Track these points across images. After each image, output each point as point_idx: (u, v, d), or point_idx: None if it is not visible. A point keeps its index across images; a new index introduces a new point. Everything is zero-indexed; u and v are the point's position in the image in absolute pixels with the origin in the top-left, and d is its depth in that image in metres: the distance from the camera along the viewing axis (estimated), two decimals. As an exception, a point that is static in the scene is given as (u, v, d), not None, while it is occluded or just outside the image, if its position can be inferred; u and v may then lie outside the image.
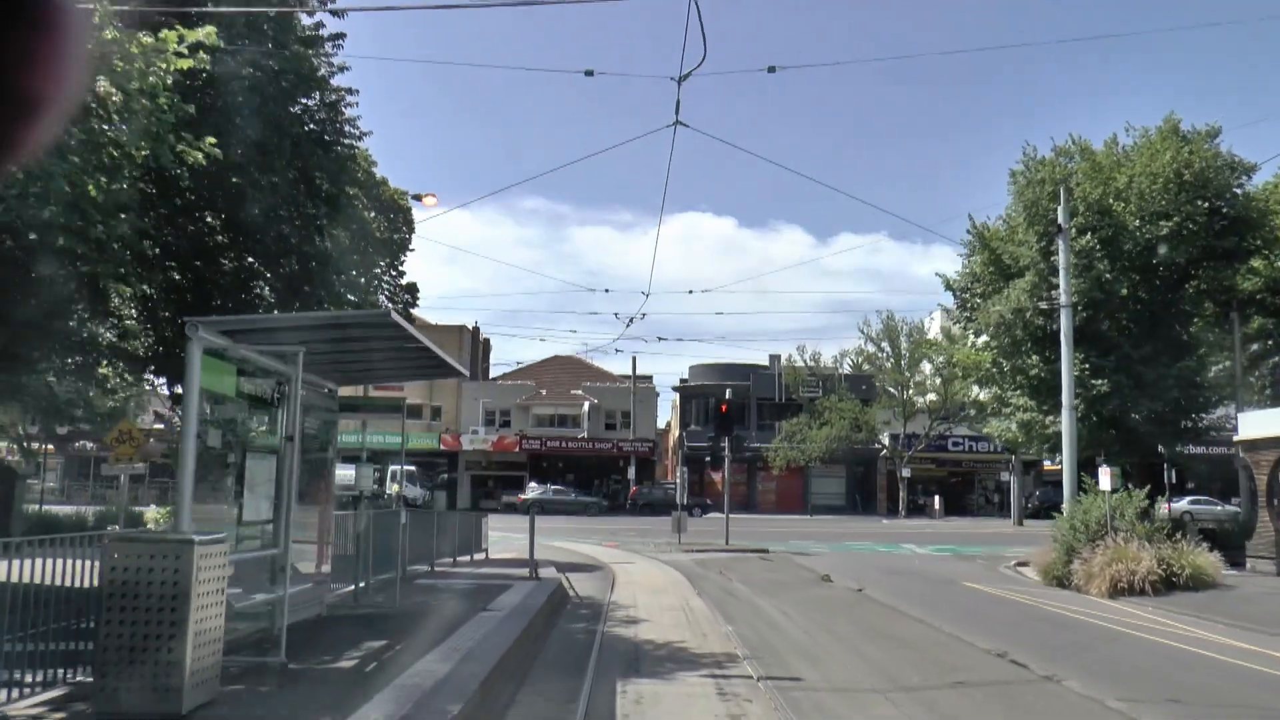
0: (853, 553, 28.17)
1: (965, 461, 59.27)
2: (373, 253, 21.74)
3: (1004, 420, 30.32)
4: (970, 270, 29.70)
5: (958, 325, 30.28)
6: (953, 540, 34.73)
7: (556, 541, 29.48)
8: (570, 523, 42.27)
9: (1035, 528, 44.65)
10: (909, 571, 22.17)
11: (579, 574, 19.06)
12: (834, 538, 34.58)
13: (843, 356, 57.24)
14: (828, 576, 18.18)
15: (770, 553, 26.16)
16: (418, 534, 16.71)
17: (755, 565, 21.78)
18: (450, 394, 60.80)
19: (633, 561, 22.64)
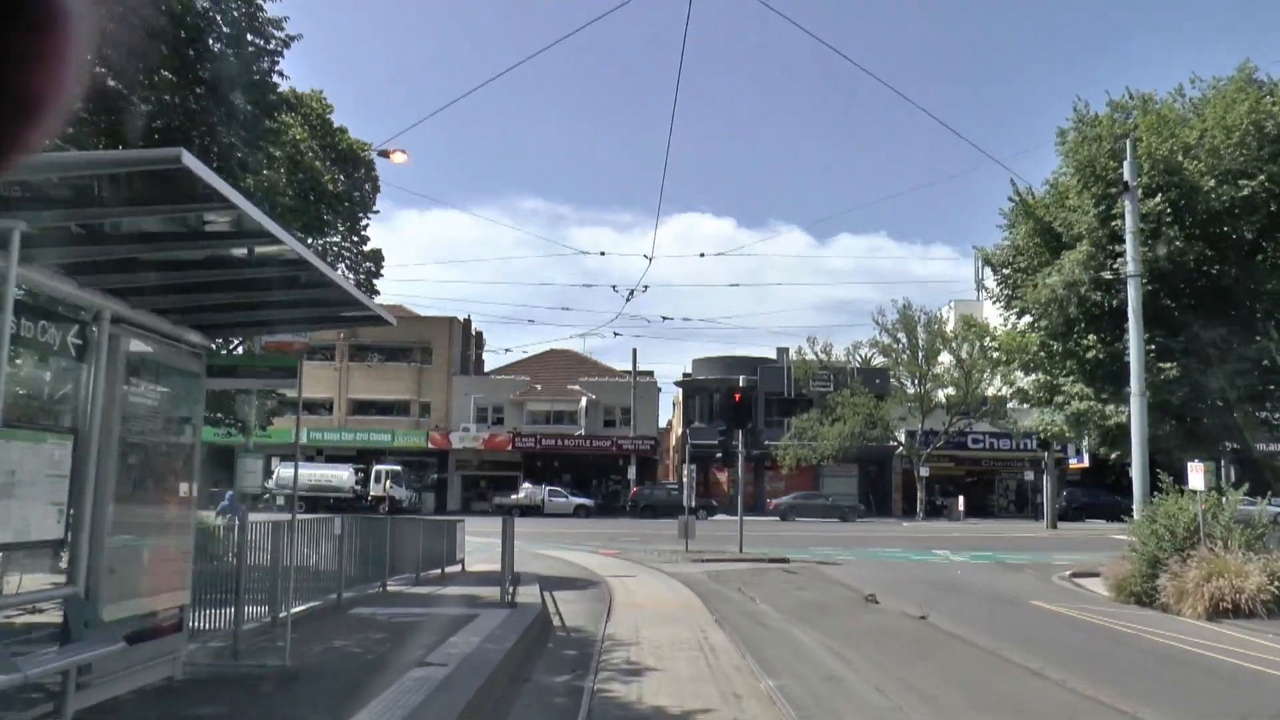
0: (883, 562, 24.87)
1: (985, 460, 55.96)
2: (325, 210, 18.43)
3: (1052, 411, 26.99)
4: (1012, 243, 26.39)
5: (997, 304, 26.94)
6: (986, 545, 31.44)
7: (547, 549, 26.18)
8: (565, 526, 38.94)
9: (1069, 531, 41.39)
10: (959, 586, 18.87)
11: (569, 593, 15.76)
12: (856, 543, 31.27)
13: (855, 349, 53.96)
14: (873, 597, 14.86)
15: (791, 562, 22.85)
16: (369, 545, 13.41)
17: (779, 579, 18.47)
18: (439, 389, 57.53)
19: (634, 574, 19.34)
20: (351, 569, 12.46)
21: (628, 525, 40.85)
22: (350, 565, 12.48)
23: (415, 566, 15.65)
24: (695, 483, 53.96)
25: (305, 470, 50.60)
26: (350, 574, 12.31)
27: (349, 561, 12.57)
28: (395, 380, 57.58)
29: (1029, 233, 25.77)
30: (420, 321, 59.22)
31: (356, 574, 12.73)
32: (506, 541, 11.96)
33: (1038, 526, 44.06)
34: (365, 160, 19.76)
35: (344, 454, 54.21)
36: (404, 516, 35.24)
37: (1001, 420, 50.77)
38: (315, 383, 57.61)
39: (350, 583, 12.26)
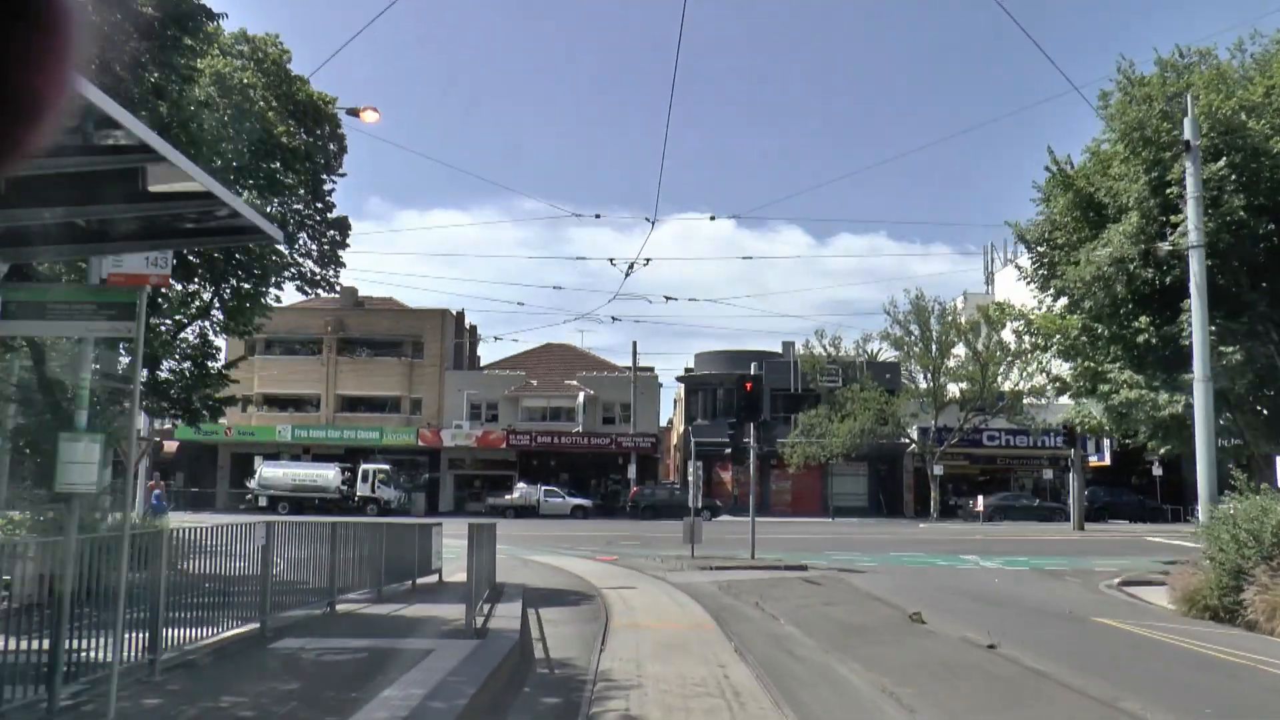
0: (911, 569, 22.53)
1: (1001, 457, 53.57)
2: (282, 169, 16.08)
3: (1095, 401, 24.64)
4: (1048, 217, 24.06)
5: (1031, 285, 24.61)
6: (1015, 550, 29.07)
7: (539, 555, 23.84)
8: (561, 529, 36.60)
9: (1097, 533, 38.94)
10: (1005, 599, 16.51)
11: (558, 611, 13.43)
12: (876, 547, 28.90)
13: (865, 341, 51.55)
14: (919, 616, 12.48)
15: (810, 570, 20.50)
16: (313, 556, 11.05)
17: (801, 591, 16.11)
18: (431, 384, 55.17)
19: (635, 585, 16.98)
20: (288, 586, 10.10)
21: (627, 527, 38.51)
22: (288, 581, 10.13)
23: (377, 579, 13.28)
24: (693, 485, 51.71)
25: (289, 470, 48.26)
26: (286, 592, 9.96)
27: (291, 575, 10.23)
28: (385, 375, 55.21)
29: (1068, 206, 23.45)
30: (411, 314, 56.88)
31: (295, 592, 10.37)
32: (475, 555, 9.57)
33: (1063, 528, 41.68)
34: (329, 116, 17.42)
35: (332, 452, 51.86)
36: (366, 519, 32.39)
37: (1018, 416, 48.43)
38: (301, 378, 55.35)
39: (285, 603, 9.89)
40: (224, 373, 17.98)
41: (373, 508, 46.43)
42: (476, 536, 9.88)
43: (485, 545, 12.44)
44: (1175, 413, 20.42)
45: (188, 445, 53.98)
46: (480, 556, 10.96)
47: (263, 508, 47.29)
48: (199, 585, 8.49)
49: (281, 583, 9.94)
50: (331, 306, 57.63)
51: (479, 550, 10.42)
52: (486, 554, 13.04)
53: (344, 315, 56.54)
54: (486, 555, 13.02)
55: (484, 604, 11.95)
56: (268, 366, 55.39)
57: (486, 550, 13.15)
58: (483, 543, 11.14)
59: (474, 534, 9.47)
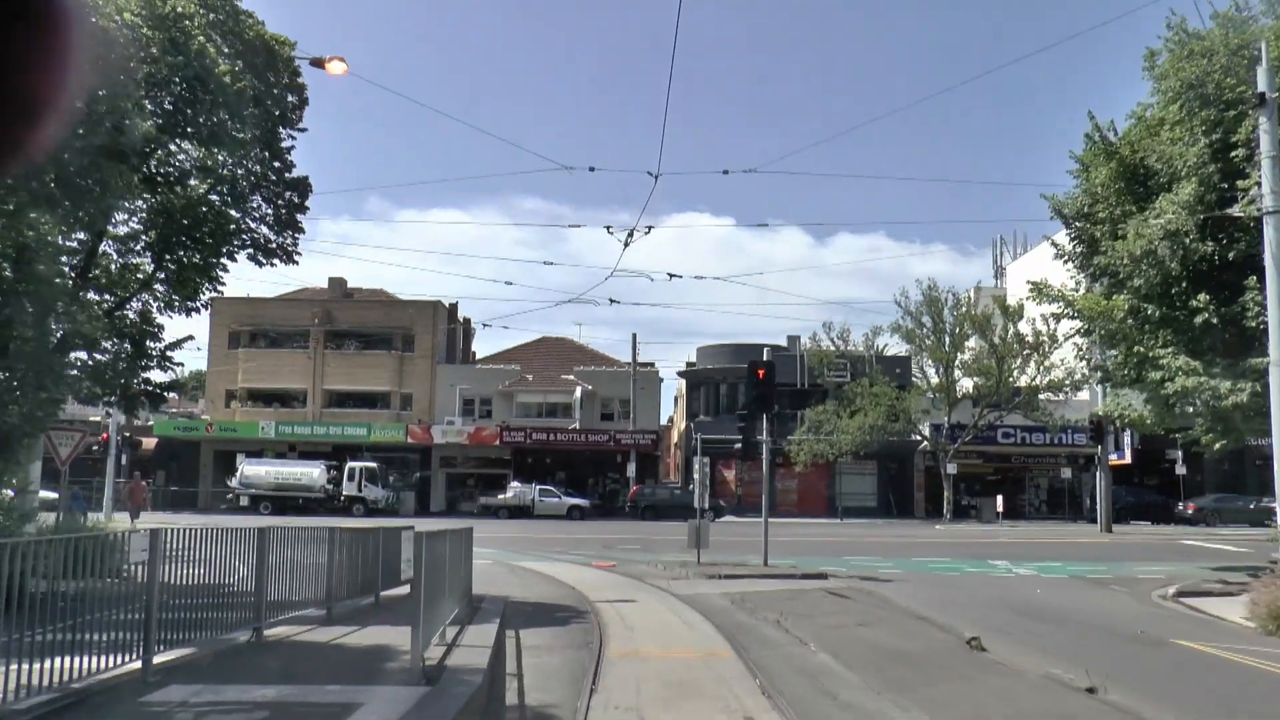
0: (939, 577, 20.36)
1: (1016, 456, 51.34)
2: (228, 119, 13.89)
3: (1135, 392, 22.51)
4: (1087, 189, 21.90)
5: (1069, 264, 22.46)
6: (1044, 554, 26.91)
7: (530, 560, 21.68)
8: (556, 530, 34.42)
9: (1125, 535, 36.65)
10: (1057, 614, 14.34)
11: (543, 633, 11.26)
12: (894, 551, 26.75)
13: (875, 334, 49.26)
14: (978, 642, 10.28)
15: (831, 578, 18.32)
16: (231, 569, 8.87)
17: (827, 606, 13.93)
18: (422, 379, 52.97)
19: (634, 597, 14.80)
20: (192, 610, 7.92)
21: (627, 529, 36.32)
22: (193, 603, 7.95)
23: (326, 596, 11.09)
24: (699, 484, 49.26)
25: (272, 468, 46.03)
26: (188, 619, 7.77)
27: (197, 595, 8.06)
28: (375, 370, 53.00)
29: (1110, 176, 21.28)
30: (401, 306, 54.68)
31: (204, 617, 8.18)
32: (425, 573, 7.28)
33: (1087, 530, 39.47)
34: (286, 60, 15.22)
35: (319, 450, 49.65)
36: (351, 521, 29.40)
37: (1035, 412, 46.23)
38: (287, 372, 53.14)
39: (184, 635, 7.70)
40: (167, 354, 15.83)
41: (359, 508, 44.26)
42: (432, 547, 7.67)
43: (456, 554, 10.25)
44: (1239, 402, 18.24)
45: (167, 442, 51.82)
46: (442, 571, 8.77)
47: (244, 508, 45.08)
48: (74, 609, 6.34)
49: (184, 605, 7.77)
50: (319, 298, 55.53)
51: (437, 564, 8.22)
52: (459, 564, 10.85)
53: (332, 307, 54.37)
54: (459, 565, 10.83)
55: (451, 627, 9.78)
56: (252, 360, 53.24)
57: (459, 559, 10.97)
58: (447, 552, 8.97)
59: (423, 546, 7.24)
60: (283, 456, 50.08)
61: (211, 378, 54.72)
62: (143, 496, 27.27)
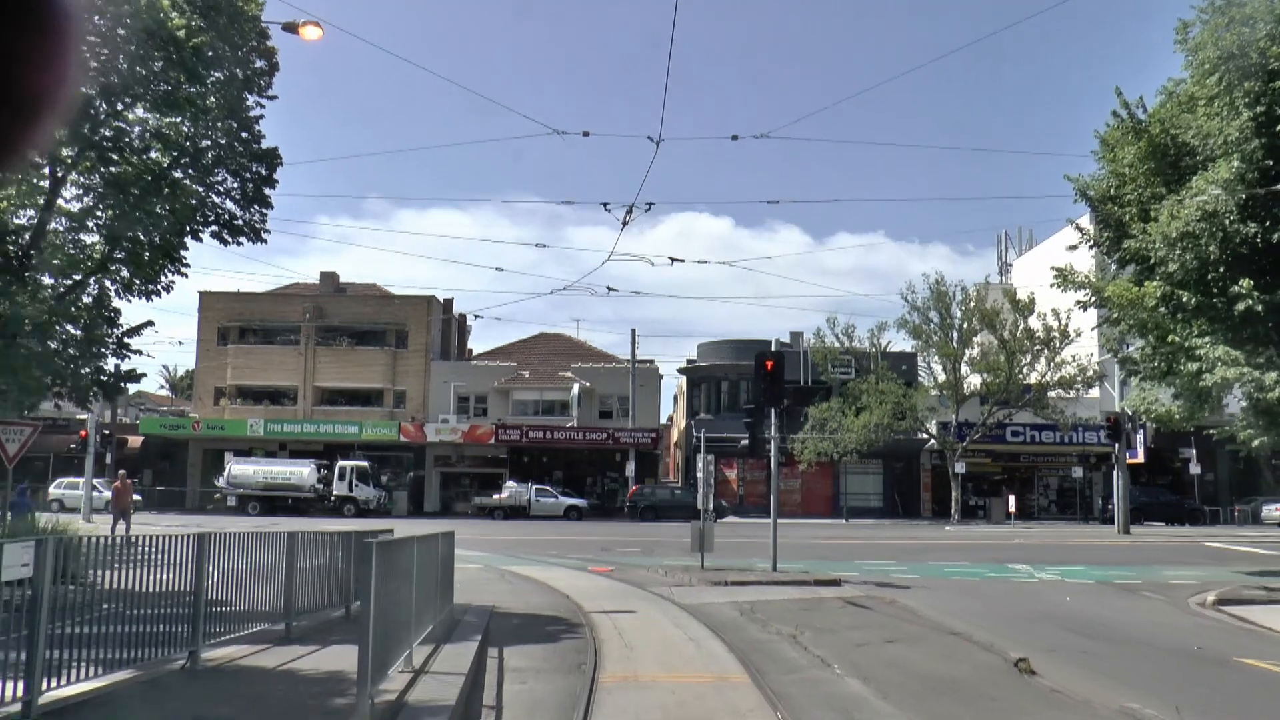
0: (959, 583, 19.07)
1: (1025, 455, 50.06)
2: (184, 80, 12.57)
3: (1162, 386, 21.24)
4: (1114, 170, 20.60)
5: (1094, 249, 21.22)
6: (1064, 557, 25.61)
7: (523, 565, 20.36)
8: (552, 531, 33.11)
9: (1144, 537, 35.24)
10: (1101, 628, 13.03)
11: (529, 651, 9.95)
12: (907, 555, 25.45)
13: (880, 330, 47.95)
14: (1026, 664, 8.97)
15: (844, 584, 17.02)
16: (155, 579, 7.57)
17: (847, 619, 12.61)
18: (416, 376, 51.66)
19: (634, 608, 13.49)
20: (105, 628, 6.61)
21: (626, 530, 35.01)
22: (105, 623, 6.63)
23: (285, 609, 9.78)
24: (699, 481, 47.53)
25: (261, 467, 44.67)
26: (97, 645, 6.45)
27: (107, 616, 6.75)
28: (367, 366, 51.68)
29: (1139, 156, 19.97)
30: (395, 301, 53.40)
31: (122, 640, 6.86)
32: (373, 596, 5.90)
33: (1103, 531, 38.16)
34: (252, 19, 13.89)
35: (310, 448, 48.32)
36: (341, 522, 28.37)
37: (1045, 410, 44.92)
38: (278, 369, 51.82)
39: (82, 668, 6.37)
40: (125, 340, 14.50)
41: (350, 508, 42.95)
42: (390, 560, 6.32)
43: (429, 563, 8.95)
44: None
45: (154, 440, 50.50)
46: (406, 586, 7.44)
47: (232, 508, 43.77)
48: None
49: (104, 624, 6.46)
50: (310, 292, 54.21)
51: (399, 579, 6.89)
52: (433, 574, 9.54)
53: (323, 302, 53.07)
54: (433, 576, 9.52)
55: (423, 647, 8.47)
56: (241, 356, 51.95)
57: (433, 569, 9.66)
58: (415, 563, 7.66)
59: (374, 561, 5.86)
60: (273, 455, 48.75)
61: (200, 375, 53.43)
62: (129, 497, 25.80)
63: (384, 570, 6.08)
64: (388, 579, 6.40)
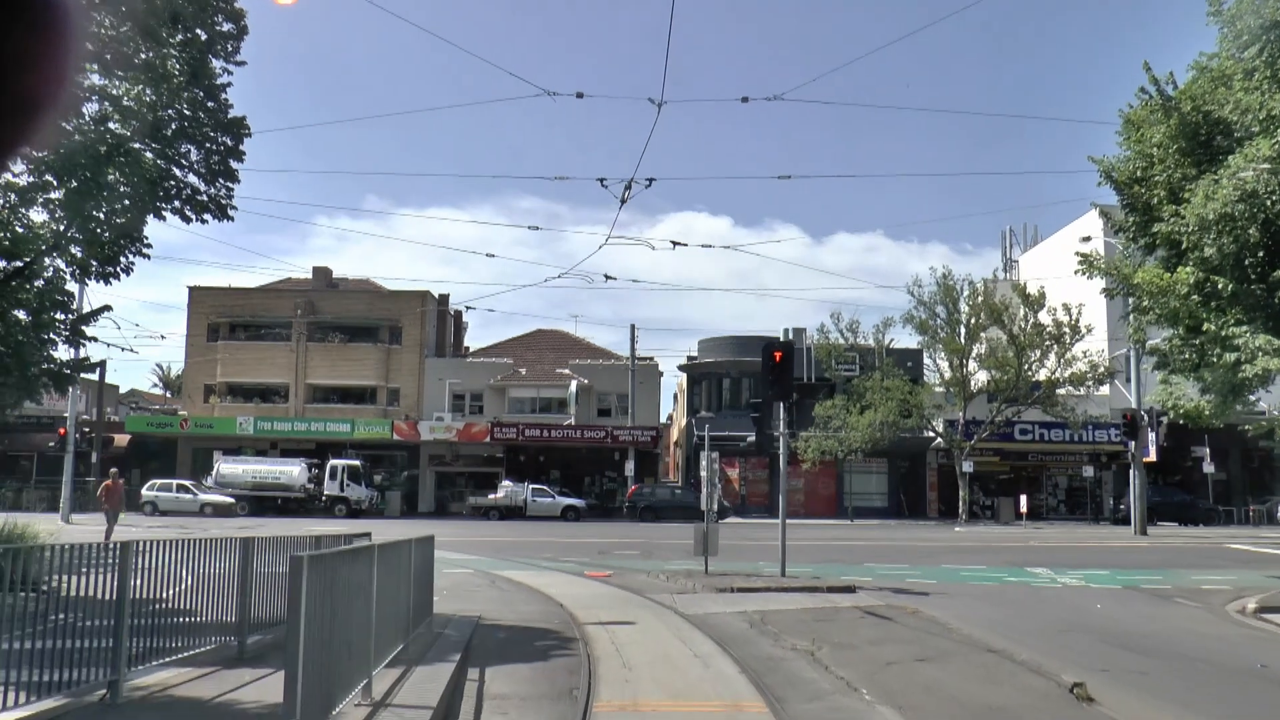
0: (978, 588, 17.93)
1: (1033, 453, 48.91)
2: (136, 38, 11.40)
3: (1190, 380, 20.07)
4: (1141, 150, 19.44)
5: (1121, 235, 20.05)
6: (1083, 560, 24.52)
7: (516, 569, 19.20)
8: (549, 533, 31.94)
9: (1163, 539, 34.01)
10: (1145, 641, 11.89)
11: (514, 671, 8.81)
12: (919, 557, 24.31)
13: (885, 326, 46.75)
14: (1083, 689, 7.81)
15: (859, 591, 15.87)
16: (66, 592, 6.41)
17: (869, 631, 11.45)
18: (410, 373, 50.50)
19: (634, 619, 12.33)
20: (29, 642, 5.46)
21: (625, 531, 33.85)
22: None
23: (239, 625, 8.62)
24: (699, 480, 46.12)
25: (250, 466, 43.49)
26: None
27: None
28: (360, 363, 50.52)
29: (1170, 135, 18.81)
30: (388, 297, 52.22)
31: (56, 650, 5.70)
32: (303, 627, 4.73)
33: (1117, 532, 37.02)
34: (216, -24, 12.72)
35: (302, 447, 47.17)
36: (333, 522, 27.41)
37: (1055, 407, 43.76)
38: (269, 366, 50.65)
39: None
40: (79, 327, 13.34)
41: (341, 508, 41.81)
42: (324, 575, 5.10)
43: (393, 576, 7.77)
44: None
45: (141, 439, 49.32)
46: (367, 600, 6.28)
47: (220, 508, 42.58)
48: None
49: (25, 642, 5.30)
50: (302, 288, 53.05)
51: (347, 598, 5.71)
52: (402, 587, 8.38)
53: (316, 297, 51.91)
54: (402, 589, 8.36)
55: (390, 671, 7.32)
56: (232, 352, 50.77)
57: (403, 582, 8.50)
58: (373, 579, 6.49)
59: (307, 574, 4.65)
60: (264, 454, 47.60)
61: (189, 372, 52.27)
62: (119, 497, 24.46)
63: (323, 589, 4.92)
64: (334, 598, 5.25)
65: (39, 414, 49.61)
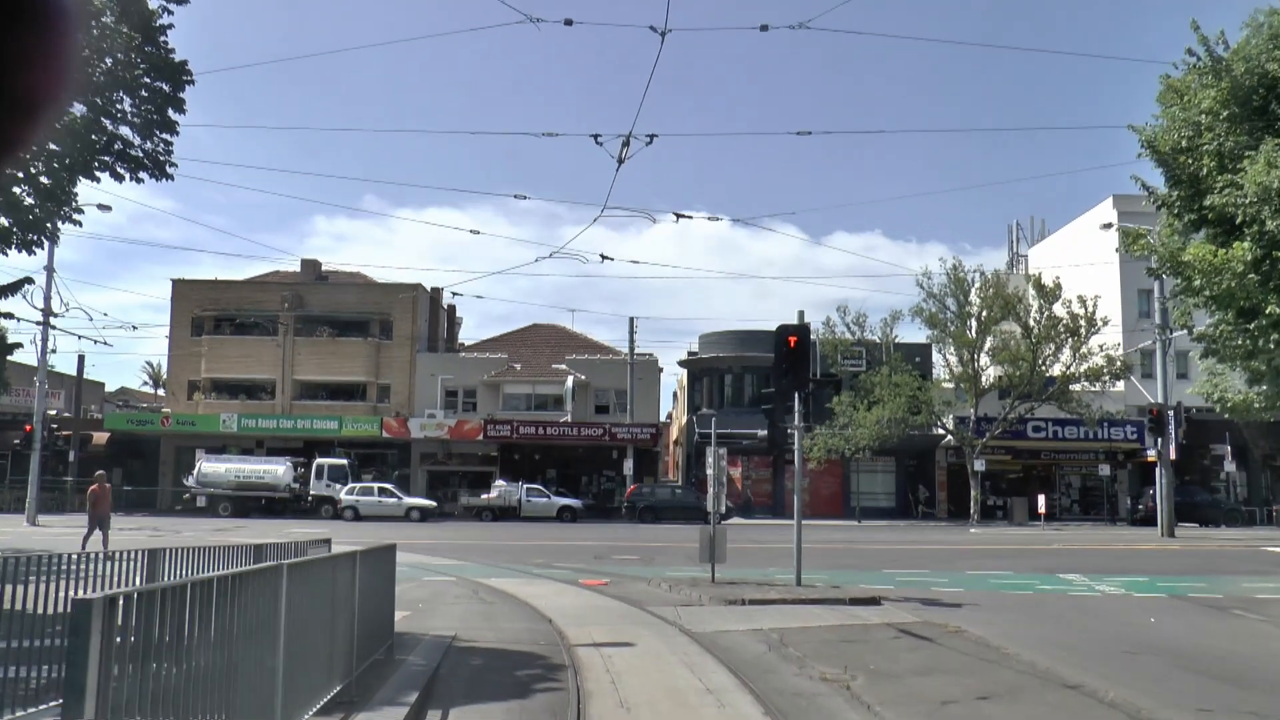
0: (1014, 596, 16.25)
1: (1046, 451, 47.22)
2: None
3: (1237, 370, 18.46)
4: (1188, 118, 17.77)
5: (1163, 211, 18.40)
6: (1115, 565, 22.84)
7: (501, 577, 17.50)
8: (543, 535, 30.23)
9: (1193, 541, 32.19)
10: (1223, 664, 10.25)
11: (482, 713, 7.10)
12: (939, 561, 22.65)
13: (893, 319, 45.05)
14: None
15: (885, 603, 14.18)
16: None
17: (909, 657, 9.76)
18: (401, 368, 48.79)
19: (632, 639, 10.64)
20: None
21: (623, 533, 32.15)
22: None
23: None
24: (699, 480, 44.78)
25: (234, 465, 41.76)
26: None
27: None
28: (349, 359, 48.80)
29: (1220, 100, 17.16)
30: (379, 289, 50.50)
31: None
32: (89, 682, 3.17)
33: (1140, 534, 35.32)
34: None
35: (288, 445, 45.44)
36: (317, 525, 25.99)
37: (1071, 404, 42.08)
38: (255, 362, 48.92)
39: None
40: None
41: (328, 509, 40.07)
42: (151, 620, 3.40)
43: (324, 598, 6.08)
44: None
45: (121, 437, 47.54)
46: (270, 640, 4.60)
47: (202, 509, 40.89)
48: None
49: None
50: (290, 280, 51.34)
51: (248, 632, 4.04)
52: (343, 612, 6.68)
53: (303, 290, 50.18)
54: (341, 615, 6.66)
55: (322, 717, 5.62)
56: (216, 347, 49.03)
57: (344, 605, 6.80)
58: (278, 608, 4.83)
59: (98, 627, 2.99)
60: (249, 453, 45.91)
61: (173, 367, 50.51)
62: (108, 503, 21.45)
63: (155, 639, 3.24)
64: (196, 646, 3.57)
65: (14, 410, 47.91)
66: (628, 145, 13.59)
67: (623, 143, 13.61)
